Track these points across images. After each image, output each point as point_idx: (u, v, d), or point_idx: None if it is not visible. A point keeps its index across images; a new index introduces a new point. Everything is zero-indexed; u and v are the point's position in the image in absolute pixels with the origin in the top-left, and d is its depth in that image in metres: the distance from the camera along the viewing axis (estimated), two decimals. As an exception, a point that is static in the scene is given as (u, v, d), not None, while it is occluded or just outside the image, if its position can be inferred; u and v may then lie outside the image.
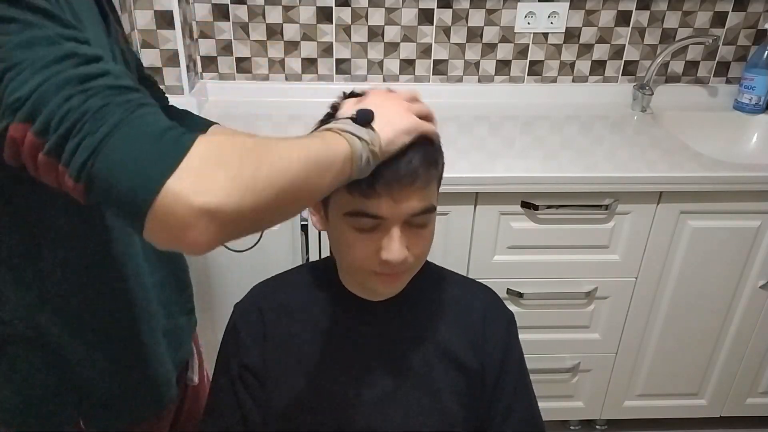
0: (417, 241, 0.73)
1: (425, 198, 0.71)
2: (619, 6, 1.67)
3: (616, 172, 1.32)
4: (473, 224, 1.35)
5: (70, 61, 0.49)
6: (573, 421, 1.75)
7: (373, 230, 0.71)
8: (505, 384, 0.85)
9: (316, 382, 0.82)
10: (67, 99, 0.48)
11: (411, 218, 0.71)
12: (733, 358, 1.58)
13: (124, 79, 0.51)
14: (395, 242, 0.70)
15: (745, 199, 1.36)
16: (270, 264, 1.37)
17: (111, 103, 0.48)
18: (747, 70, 1.69)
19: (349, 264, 0.76)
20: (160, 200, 0.46)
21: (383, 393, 0.81)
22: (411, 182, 0.68)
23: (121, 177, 0.47)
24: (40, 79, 0.48)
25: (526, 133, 1.55)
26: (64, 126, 0.47)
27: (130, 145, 0.48)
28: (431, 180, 0.72)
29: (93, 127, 0.47)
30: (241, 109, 1.64)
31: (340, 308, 0.84)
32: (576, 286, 1.44)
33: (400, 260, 0.70)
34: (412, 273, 0.78)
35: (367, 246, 0.72)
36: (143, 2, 1.45)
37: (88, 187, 0.48)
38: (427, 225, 0.74)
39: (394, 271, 0.73)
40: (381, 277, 0.74)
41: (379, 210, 0.69)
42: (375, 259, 0.72)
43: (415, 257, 0.74)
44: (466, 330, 0.85)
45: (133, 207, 0.47)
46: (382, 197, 0.68)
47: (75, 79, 0.48)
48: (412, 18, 1.65)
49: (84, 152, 0.47)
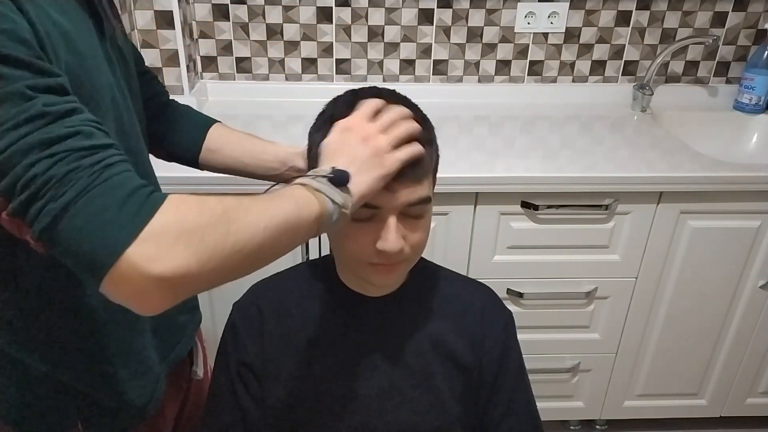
0: (413, 232, 0.74)
1: (421, 188, 0.72)
2: (619, 6, 1.67)
3: (616, 172, 1.32)
4: (473, 224, 1.35)
5: (39, 121, 0.49)
6: (573, 421, 1.75)
7: (370, 220, 0.72)
8: (503, 382, 0.85)
9: (315, 379, 0.82)
10: (33, 164, 0.48)
11: (407, 208, 0.72)
12: (733, 358, 1.58)
13: (96, 137, 0.51)
14: (391, 232, 0.70)
15: (745, 199, 1.36)
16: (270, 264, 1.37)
17: (77, 168, 0.49)
18: (747, 70, 1.69)
19: (347, 255, 0.76)
20: (117, 267, 0.47)
21: (381, 390, 0.82)
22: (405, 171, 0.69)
23: (81, 242, 0.48)
24: (7, 141, 0.48)
25: (526, 133, 1.55)
26: (29, 191, 0.48)
27: (93, 211, 0.48)
28: (427, 171, 0.72)
29: (56, 193, 0.48)
30: (241, 109, 1.64)
31: (338, 305, 0.84)
32: (576, 286, 1.44)
33: (397, 250, 0.71)
34: (408, 265, 0.78)
35: (364, 236, 0.72)
36: (143, 2, 1.45)
37: (49, 246, 0.49)
38: (423, 216, 0.75)
39: (391, 261, 0.73)
40: (378, 267, 0.75)
41: (375, 199, 0.69)
42: (372, 250, 0.72)
43: (412, 248, 0.74)
44: (464, 328, 0.85)
45: (91, 269, 0.49)
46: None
47: (42, 143, 0.48)
48: (412, 18, 1.65)
49: (46, 217, 0.48)
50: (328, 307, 0.85)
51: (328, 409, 0.82)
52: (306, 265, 0.93)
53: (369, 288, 0.82)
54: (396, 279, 0.79)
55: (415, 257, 0.78)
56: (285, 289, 0.88)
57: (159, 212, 0.49)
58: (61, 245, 0.49)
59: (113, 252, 0.47)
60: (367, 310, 0.83)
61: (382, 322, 0.83)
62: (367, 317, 0.83)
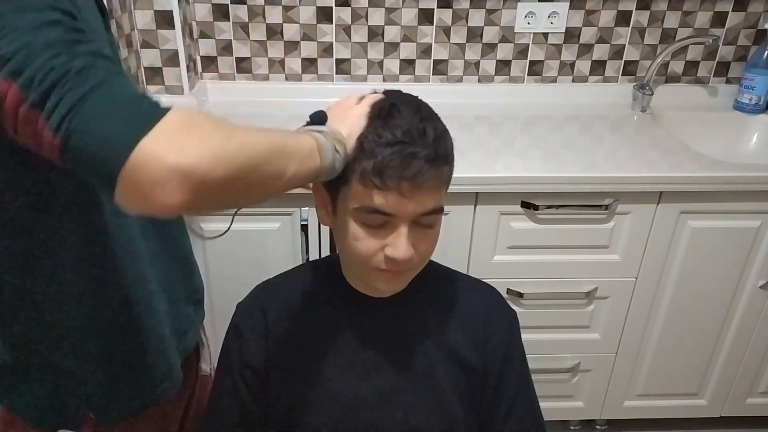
0: (423, 241, 0.74)
1: (435, 198, 0.71)
2: (619, 6, 1.67)
3: (616, 172, 1.32)
4: (473, 224, 1.35)
5: (58, 27, 0.51)
6: (573, 421, 1.75)
7: (381, 227, 0.71)
8: (507, 382, 0.85)
9: (319, 380, 0.82)
10: (52, 57, 0.50)
11: (419, 218, 0.71)
12: (733, 358, 1.58)
13: (107, 52, 0.54)
14: (402, 240, 0.70)
15: (745, 199, 1.36)
16: (270, 264, 1.37)
17: (94, 66, 0.51)
18: (747, 70, 1.69)
19: (354, 259, 0.76)
20: (134, 157, 0.47)
21: (385, 390, 0.82)
22: (422, 181, 0.68)
23: (98, 132, 0.49)
24: (28, 38, 0.50)
25: (526, 133, 1.55)
26: (48, 82, 0.49)
27: (110, 103, 0.50)
28: (443, 181, 0.72)
29: (75, 84, 0.49)
30: (241, 109, 1.64)
31: (342, 306, 0.84)
32: (576, 286, 1.44)
33: (407, 258, 0.71)
34: (414, 272, 0.79)
35: (374, 242, 0.72)
36: (143, 2, 1.45)
37: (65, 141, 0.49)
38: (434, 226, 0.75)
39: (398, 268, 0.73)
40: (384, 274, 0.75)
41: (389, 207, 0.69)
42: (380, 256, 0.72)
43: (420, 257, 0.74)
44: (468, 328, 0.85)
45: (106, 163, 0.48)
46: (394, 194, 0.68)
47: (61, 41, 0.51)
48: (412, 18, 1.65)
49: (65, 106, 0.49)
50: (332, 307, 0.84)
51: (332, 410, 0.81)
52: (309, 265, 0.93)
53: (372, 290, 0.82)
54: (400, 285, 0.78)
55: (421, 265, 0.78)
56: (288, 290, 0.88)
57: (171, 112, 0.51)
58: (78, 138, 0.49)
59: (129, 141, 0.48)
60: (372, 310, 0.83)
61: (386, 323, 0.83)
62: (372, 318, 0.83)
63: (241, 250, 1.34)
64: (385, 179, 0.67)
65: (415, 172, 0.67)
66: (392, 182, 0.67)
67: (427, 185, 0.69)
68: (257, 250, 1.34)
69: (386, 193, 0.68)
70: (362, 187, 0.69)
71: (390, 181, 0.67)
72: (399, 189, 0.68)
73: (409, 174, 0.67)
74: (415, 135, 0.68)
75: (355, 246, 0.73)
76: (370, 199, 0.69)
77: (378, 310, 0.83)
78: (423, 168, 0.68)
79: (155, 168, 0.48)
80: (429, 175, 0.69)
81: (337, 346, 0.83)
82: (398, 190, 0.68)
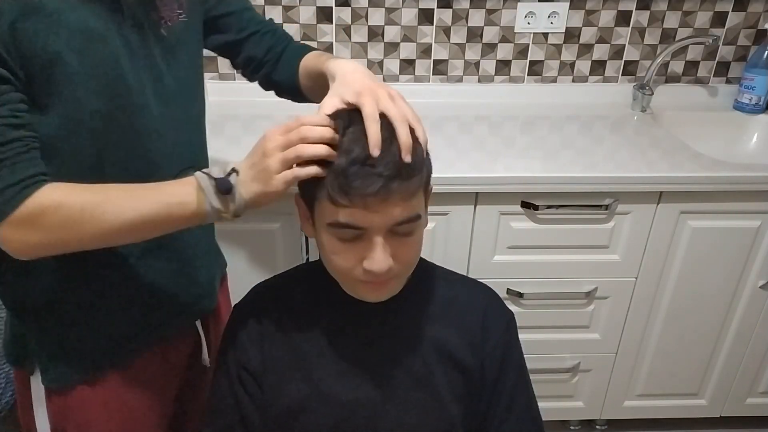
0: (402, 250, 0.73)
1: (408, 208, 0.70)
2: (619, 6, 1.67)
3: (616, 172, 1.32)
4: (473, 224, 1.35)
5: None
6: (573, 421, 1.75)
7: (356, 240, 0.71)
8: (505, 383, 0.85)
9: (315, 381, 0.82)
10: None
11: (394, 227, 0.70)
12: (733, 358, 1.58)
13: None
14: (378, 252, 0.70)
15: (745, 199, 1.36)
16: (270, 264, 1.37)
17: None
18: (747, 70, 1.69)
19: (336, 272, 0.76)
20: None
21: (382, 392, 0.81)
22: (386, 196, 0.67)
23: None
24: None
25: (526, 133, 1.55)
26: None
27: None
28: (413, 190, 0.70)
29: None
30: (241, 109, 1.63)
31: (338, 307, 0.84)
32: (576, 286, 1.44)
33: (384, 270, 0.70)
34: (401, 279, 0.78)
35: (352, 255, 0.72)
36: (143, 2, 1.45)
37: None
38: (413, 233, 0.73)
39: (379, 279, 0.73)
40: (368, 285, 0.75)
41: (359, 221, 0.69)
42: (359, 269, 0.72)
43: (402, 265, 0.74)
44: (465, 329, 0.85)
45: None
46: (360, 209, 0.68)
47: None
48: (412, 18, 1.65)
49: None
50: (327, 309, 0.84)
51: (329, 412, 0.81)
52: (307, 266, 0.93)
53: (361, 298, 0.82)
54: (389, 293, 0.78)
55: (406, 272, 0.77)
56: (285, 291, 0.88)
57: (23, 205, 0.65)
58: None
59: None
60: (367, 312, 0.83)
61: (382, 324, 0.83)
62: (367, 319, 0.83)
63: (241, 250, 1.34)
64: (350, 197, 0.67)
65: (378, 189, 0.66)
66: (357, 199, 0.67)
67: (394, 198, 0.68)
68: (257, 250, 1.34)
69: (353, 210, 0.68)
70: (330, 204, 0.69)
71: (355, 199, 0.67)
72: (365, 205, 0.67)
73: (372, 191, 0.66)
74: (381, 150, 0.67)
75: (334, 260, 0.74)
76: (340, 215, 0.69)
77: (374, 312, 0.83)
78: (387, 184, 0.66)
79: (6, 248, 0.68)
80: (395, 190, 0.67)
81: (333, 349, 0.83)
82: (365, 206, 0.67)
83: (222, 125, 1.52)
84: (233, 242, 1.33)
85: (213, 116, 1.59)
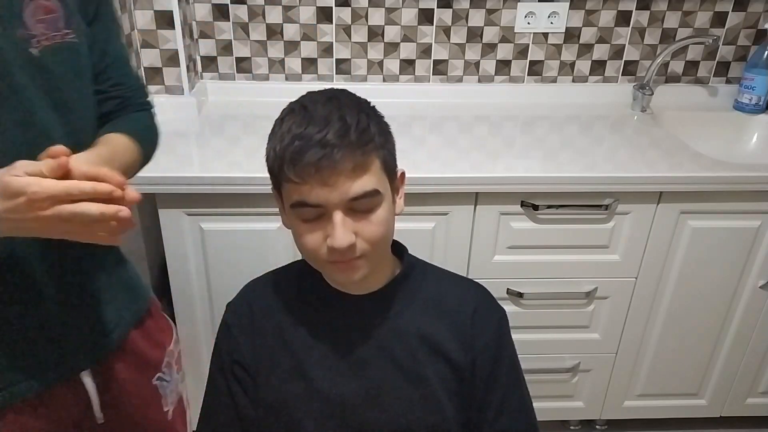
0: (364, 227, 0.73)
1: (363, 182, 0.71)
2: (619, 6, 1.67)
3: (616, 172, 1.32)
4: (473, 224, 1.35)
5: None
6: (573, 421, 1.75)
7: (319, 220, 0.73)
8: (497, 380, 0.85)
9: (307, 377, 0.82)
10: None
11: (352, 203, 0.71)
12: (733, 358, 1.58)
13: None
14: (338, 228, 0.71)
15: (745, 199, 1.36)
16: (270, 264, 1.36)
17: None
18: (747, 70, 1.69)
19: (307, 256, 0.78)
20: None
21: (373, 388, 0.82)
22: (332, 165, 0.68)
23: None
24: None
25: (526, 133, 1.55)
26: None
27: None
28: (365, 164, 0.71)
29: None
30: (241, 109, 1.64)
31: (328, 303, 0.85)
32: (576, 286, 1.44)
33: (345, 246, 0.71)
34: (370, 260, 0.77)
35: (316, 236, 0.73)
36: (143, 2, 1.45)
37: None
38: (374, 209, 0.74)
39: (345, 257, 0.73)
40: (337, 265, 0.75)
41: (313, 198, 0.70)
42: (324, 248, 0.73)
43: (367, 242, 0.74)
44: (455, 327, 0.85)
45: None
46: (312, 184, 0.70)
47: None
48: (412, 18, 1.65)
49: None
50: (317, 305, 0.85)
51: (321, 407, 0.82)
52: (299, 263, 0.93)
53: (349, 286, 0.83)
54: (359, 275, 0.76)
55: (374, 252, 0.76)
56: (277, 288, 0.88)
57: None
58: None
59: None
60: (357, 308, 0.83)
61: (372, 321, 0.83)
62: (357, 316, 0.84)
63: (241, 250, 1.34)
64: (298, 171, 0.69)
65: (320, 157, 0.68)
66: (305, 173, 0.69)
67: (345, 169, 0.69)
68: (257, 250, 1.34)
69: (305, 186, 0.70)
70: (288, 184, 0.72)
71: (302, 172, 0.69)
72: (315, 178, 0.69)
73: (312, 160, 0.68)
74: (321, 125, 0.69)
75: (302, 243, 0.75)
76: (297, 193, 0.71)
77: (362, 307, 0.83)
78: (330, 154, 0.68)
79: None
80: (342, 158, 0.68)
81: (323, 343, 0.83)
82: (315, 180, 0.69)
83: (222, 125, 1.52)
84: (234, 242, 1.33)
85: (213, 116, 1.59)
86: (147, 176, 1.23)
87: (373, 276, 0.81)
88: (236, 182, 1.24)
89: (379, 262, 0.80)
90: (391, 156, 0.77)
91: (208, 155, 1.35)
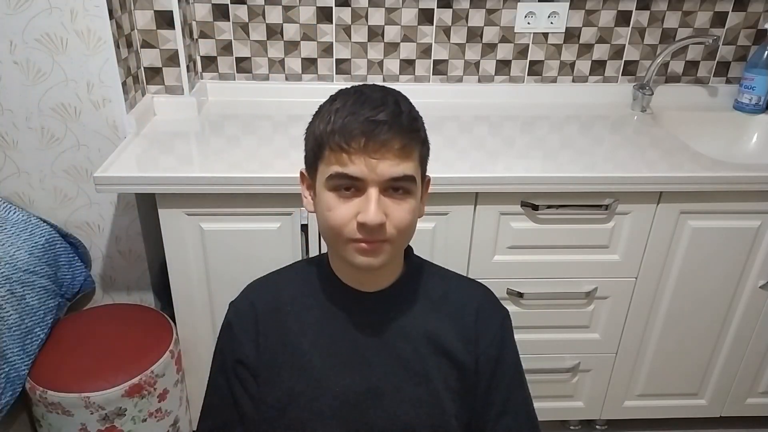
0: (396, 212, 0.74)
1: (405, 166, 0.73)
2: (619, 6, 1.67)
3: (616, 172, 1.32)
4: (473, 224, 1.35)
5: None
6: (573, 421, 1.75)
7: (353, 196, 0.73)
8: (500, 380, 0.86)
9: (310, 376, 0.82)
10: None
11: (390, 183, 0.72)
12: (733, 358, 1.58)
13: None
14: (372, 204, 0.71)
15: (745, 199, 1.36)
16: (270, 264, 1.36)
17: None
18: (747, 70, 1.69)
19: (329, 230, 0.77)
20: None
21: (376, 385, 0.82)
22: (384, 141, 0.70)
23: None
24: None
25: (526, 133, 1.55)
26: None
27: None
28: (409, 148, 0.73)
29: None
30: (241, 109, 1.64)
31: (333, 302, 0.84)
32: (576, 286, 1.44)
33: (377, 223, 0.71)
34: (393, 248, 0.77)
35: (347, 210, 0.74)
36: (143, 2, 1.45)
37: None
38: (408, 195, 0.75)
39: (372, 237, 0.73)
40: (360, 247, 0.75)
41: (356, 170, 0.71)
42: (353, 224, 0.73)
43: (396, 228, 0.74)
44: (459, 326, 0.85)
45: None
46: (359, 155, 0.71)
47: None
48: (412, 18, 1.65)
49: None
50: (322, 303, 0.85)
51: (323, 405, 0.82)
52: (302, 262, 0.93)
53: (362, 281, 0.83)
54: (379, 261, 0.76)
55: (400, 241, 0.77)
56: (280, 287, 0.88)
57: None
58: None
59: None
60: (362, 306, 0.83)
61: (377, 319, 0.84)
62: (362, 314, 0.84)
63: (241, 250, 1.34)
64: (347, 138, 0.70)
65: (375, 131, 0.70)
66: (354, 141, 0.70)
67: (392, 148, 0.71)
68: (257, 250, 1.34)
69: (352, 156, 0.71)
70: (331, 153, 0.72)
71: (353, 142, 0.70)
72: (364, 150, 0.70)
73: (368, 131, 0.70)
74: (377, 104, 0.72)
75: (330, 217, 0.75)
76: (339, 164, 0.72)
77: (369, 306, 0.83)
78: (383, 129, 0.70)
79: None
80: (392, 137, 0.71)
81: (327, 342, 0.83)
82: (364, 152, 0.70)
83: (222, 125, 1.52)
84: (234, 242, 1.33)
85: (213, 116, 1.59)
86: (147, 176, 1.23)
87: (383, 272, 0.82)
88: (236, 182, 1.24)
89: (397, 254, 0.81)
90: (427, 157, 0.80)
91: (208, 155, 1.35)
